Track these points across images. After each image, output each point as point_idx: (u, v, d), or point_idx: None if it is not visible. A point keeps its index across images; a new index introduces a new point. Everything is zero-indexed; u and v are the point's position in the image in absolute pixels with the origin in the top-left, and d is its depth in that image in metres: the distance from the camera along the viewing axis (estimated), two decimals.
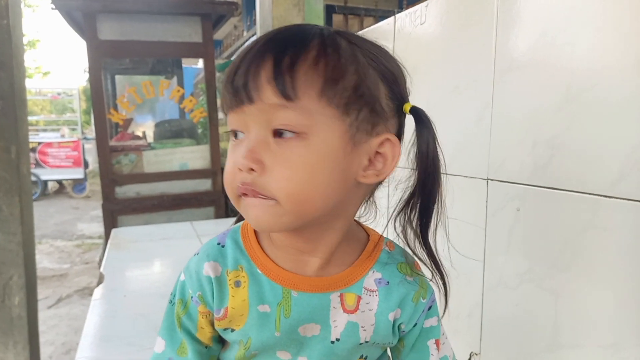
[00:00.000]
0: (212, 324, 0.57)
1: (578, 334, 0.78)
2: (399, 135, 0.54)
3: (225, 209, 3.34)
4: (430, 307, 0.60)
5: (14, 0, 2.00)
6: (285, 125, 0.45)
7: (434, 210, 0.54)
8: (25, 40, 2.14)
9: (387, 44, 1.34)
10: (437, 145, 0.52)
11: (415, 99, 1.19)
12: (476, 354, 1.02)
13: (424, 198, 0.53)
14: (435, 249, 0.57)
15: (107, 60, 3.36)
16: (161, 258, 2.01)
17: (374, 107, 0.48)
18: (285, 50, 0.45)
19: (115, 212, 3.07)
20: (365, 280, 0.56)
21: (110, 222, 3.03)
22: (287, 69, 0.44)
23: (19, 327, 2.00)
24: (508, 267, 0.92)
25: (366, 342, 0.56)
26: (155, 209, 3.14)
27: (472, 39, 1.00)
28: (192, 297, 0.57)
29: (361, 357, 0.58)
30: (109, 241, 2.31)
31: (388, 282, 0.56)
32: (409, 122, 0.55)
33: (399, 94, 0.51)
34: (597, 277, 0.74)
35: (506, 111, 0.92)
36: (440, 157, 0.53)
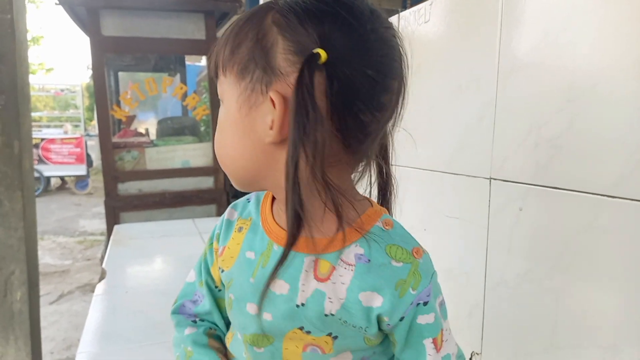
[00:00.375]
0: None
1: (578, 335, 0.78)
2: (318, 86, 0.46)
3: (227, 206, 3.34)
4: (426, 303, 0.53)
5: None
6: (219, 95, 0.54)
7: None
8: (29, 37, 2.14)
9: None
10: (308, 115, 0.45)
11: (418, 98, 1.19)
12: (477, 354, 1.02)
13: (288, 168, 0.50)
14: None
15: (110, 56, 3.36)
16: (162, 255, 2.02)
17: (265, 68, 0.48)
18: (223, 36, 0.53)
19: (117, 209, 3.07)
20: (344, 252, 0.52)
21: (112, 218, 3.03)
22: (218, 50, 0.53)
23: (20, 322, 2.01)
24: (509, 267, 0.92)
25: (332, 315, 0.52)
26: (157, 206, 3.15)
27: (475, 38, 1.00)
28: (214, 235, 0.65)
29: (330, 334, 0.54)
30: (111, 238, 2.32)
31: (369, 260, 0.52)
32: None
33: (303, 44, 0.46)
34: (598, 277, 0.74)
35: (509, 110, 0.92)
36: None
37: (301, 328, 0.54)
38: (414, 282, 0.52)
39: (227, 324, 0.68)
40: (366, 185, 0.58)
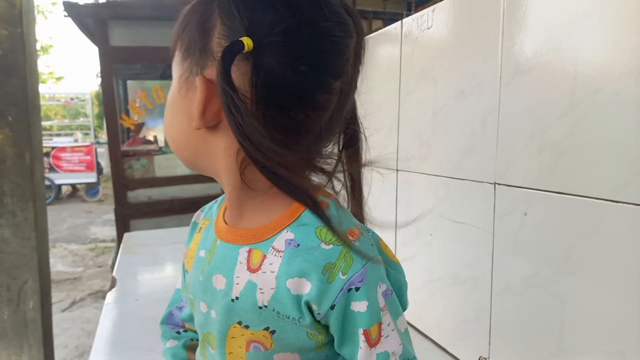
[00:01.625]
0: None
1: (585, 340, 0.78)
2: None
3: None
4: (357, 289, 0.47)
5: (27, 9, 2.04)
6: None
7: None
8: (38, 46, 2.18)
9: (394, 49, 1.35)
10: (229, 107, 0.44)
11: (421, 103, 1.20)
12: (485, 358, 1.02)
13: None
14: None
15: (118, 65, 3.40)
16: (172, 262, 2.04)
17: (202, 51, 0.47)
18: None
19: (127, 216, 3.10)
20: (276, 239, 0.49)
21: (123, 225, 3.07)
22: (173, 30, 0.52)
23: (34, 330, 2.04)
24: (515, 272, 0.92)
25: (265, 306, 0.49)
26: (167, 212, 3.18)
27: (477, 44, 1.01)
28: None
29: (267, 329, 0.50)
30: (121, 245, 2.34)
31: (298, 244, 0.48)
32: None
33: (234, 31, 0.44)
34: (604, 282, 0.74)
35: (512, 116, 0.92)
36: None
37: (239, 322, 0.51)
38: (344, 266, 0.47)
39: None
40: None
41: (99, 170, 8.48)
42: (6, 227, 2.00)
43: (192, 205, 3.23)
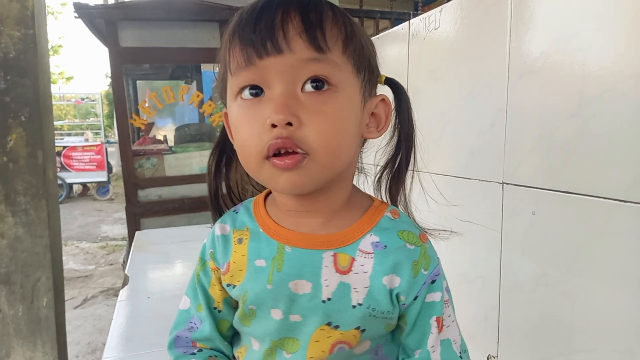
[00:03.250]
0: (221, 282, 0.60)
1: (594, 339, 0.78)
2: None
3: None
4: (433, 281, 0.55)
5: (39, 10, 2.06)
6: (321, 75, 0.47)
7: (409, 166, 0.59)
8: (48, 47, 2.20)
9: (402, 49, 1.36)
10: (411, 110, 0.58)
11: (429, 104, 1.21)
12: (494, 357, 1.03)
13: (402, 158, 0.58)
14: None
15: (128, 66, 3.43)
16: (183, 260, 2.06)
17: (372, 70, 0.54)
18: (309, 5, 0.47)
19: (138, 215, 3.13)
20: (361, 243, 0.54)
21: (133, 224, 3.09)
22: (317, 22, 0.46)
23: (47, 327, 2.06)
24: (524, 271, 0.93)
25: (359, 305, 0.54)
26: (177, 211, 3.20)
27: (485, 44, 1.01)
28: (207, 255, 0.62)
29: (358, 328, 0.55)
30: (133, 243, 2.37)
31: (386, 246, 0.54)
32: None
33: (377, 64, 0.56)
34: (612, 281, 0.75)
35: (520, 116, 0.92)
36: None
37: (329, 324, 0.54)
38: (425, 263, 0.55)
39: (231, 343, 0.65)
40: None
41: (109, 170, 8.54)
42: (20, 226, 2.03)
43: (201, 204, 3.25)
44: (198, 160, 3.36)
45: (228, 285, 0.59)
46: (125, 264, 2.03)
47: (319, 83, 0.47)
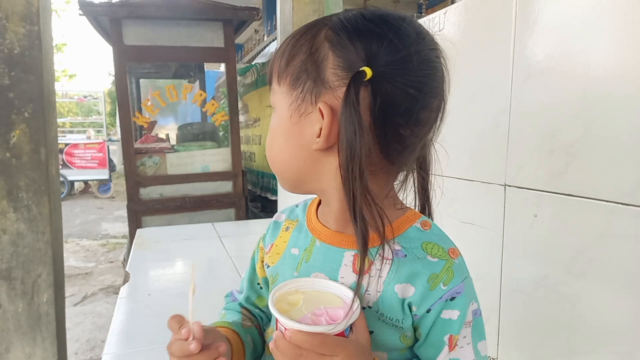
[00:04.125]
0: (263, 261, 0.68)
1: (593, 341, 0.78)
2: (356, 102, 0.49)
3: (246, 211, 3.39)
4: (453, 298, 0.54)
5: (44, 7, 2.07)
6: (271, 102, 0.58)
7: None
8: (53, 44, 2.20)
9: None
10: (356, 129, 0.48)
11: None
12: (494, 359, 1.03)
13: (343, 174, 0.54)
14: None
15: (132, 64, 3.44)
16: (184, 258, 2.06)
17: (316, 80, 0.52)
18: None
19: (140, 213, 3.14)
20: (382, 248, 0.54)
21: (135, 222, 3.10)
22: (271, 63, 0.57)
23: (47, 323, 2.07)
24: (525, 273, 0.93)
25: (369, 307, 0.55)
26: (178, 210, 3.20)
27: (489, 46, 1.01)
28: (261, 237, 0.71)
29: None
30: (134, 241, 2.38)
31: (406, 255, 0.55)
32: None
33: (352, 62, 0.49)
34: (613, 284, 0.75)
35: (523, 118, 0.93)
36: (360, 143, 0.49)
37: None
38: (446, 278, 0.54)
39: (263, 319, 0.73)
40: (408, 193, 0.62)
41: (111, 167, 8.56)
42: (22, 222, 2.04)
43: (202, 202, 3.26)
44: (200, 159, 3.37)
45: (265, 264, 0.66)
46: (125, 262, 2.03)
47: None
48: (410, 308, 0.55)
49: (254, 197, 4.05)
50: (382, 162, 0.53)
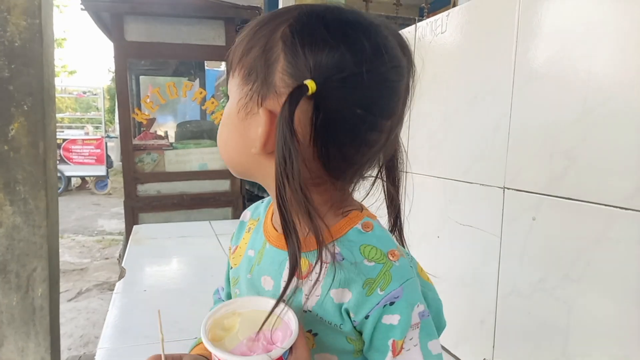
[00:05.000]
0: None
1: (589, 344, 0.78)
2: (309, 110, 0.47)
3: (243, 209, 3.38)
4: (392, 303, 0.51)
5: (46, 0, 2.07)
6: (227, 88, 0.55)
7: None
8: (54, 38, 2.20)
9: None
10: (285, 141, 0.45)
11: (433, 107, 1.21)
12: None
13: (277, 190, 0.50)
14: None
15: (132, 60, 3.44)
16: (180, 255, 2.06)
17: (264, 81, 0.48)
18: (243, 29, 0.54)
19: (136, 210, 3.13)
20: (323, 251, 0.51)
21: (132, 218, 3.09)
22: (234, 48, 0.54)
23: (41, 318, 2.06)
24: (522, 276, 0.93)
25: (309, 311, 0.53)
26: (175, 207, 3.20)
27: (492, 49, 1.02)
28: (231, 238, 0.69)
29: (310, 331, 0.54)
30: (130, 237, 2.37)
31: (344, 258, 0.52)
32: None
33: (298, 70, 0.46)
34: (610, 288, 0.75)
35: (524, 121, 0.93)
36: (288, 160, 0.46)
37: None
38: (383, 283, 0.51)
39: None
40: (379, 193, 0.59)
41: (109, 164, 8.54)
42: (18, 215, 2.03)
43: (200, 200, 3.25)
44: (198, 157, 3.36)
45: (230, 265, 0.65)
46: (121, 259, 2.03)
47: None
48: (348, 314, 0.53)
49: (251, 196, 4.05)
50: (325, 176, 0.51)
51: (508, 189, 0.96)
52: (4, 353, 1.98)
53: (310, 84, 0.45)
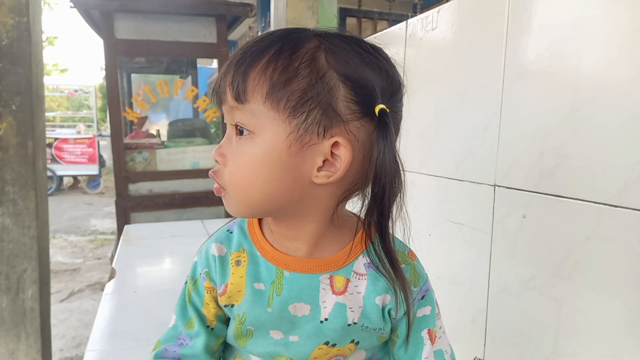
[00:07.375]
0: (216, 301, 0.62)
1: (580, 343, 0.78)
2: (373, 137, 0.50)
3: None
4: (423, 297, 0.60)
5: None
6: (239, 123, 0.51)
7: (391, 215, 0.53)
8: (43, 37, 2.17)
9: (399, 49, 1.36)
10: (395, 158, 0.50)
11: (424, 104, 1.20)
12: (480, 359, 1.03)
13: (378, 205, 0.52)
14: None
15: (122, 58, 3.41)
16: (171, 255, 2.04)
17: (326, 110, 0.48)
18: (244, 58, 0.50)
19: (128, 209, 3.11)
20: (355, 264, 0.57)
21: (123, 218, 3.07)
22: (241, 75, 0.50)
23: (32, 319, 2.04)
24: (512, 274, 0.93)
25: (354, 323, 0.57)
26: (167, 206, 3.18)
27: (482, 46, 1.01)
28: (200, 274, 0.63)
29: (352, 341, 0.58)
30: (121, 237, 2.35)
31: (377, 266, 0.57)
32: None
33: (366, 96, 0.49)
34: (600, 286, 0.75)
35: (514, 119, 0.92)
36: (400, 170, 0.51)
37: (327, 343, 0.58)
38: (415, 280, 0.59)
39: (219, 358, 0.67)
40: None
41: (101, 163, 8.49)
42: (7, 216, 2.01)
43: (192, 199, 3.24)
44: (190, 155, 3.35)
45: (226, 305, 0.61)
46: (113, 258, 2.01)
47: (240, 129, 0.52)
48: (389, 314, 0.58)
49: None
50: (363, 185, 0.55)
51: (499, 186, 0.96)
52: None
53: (385, 107, 0.49)
